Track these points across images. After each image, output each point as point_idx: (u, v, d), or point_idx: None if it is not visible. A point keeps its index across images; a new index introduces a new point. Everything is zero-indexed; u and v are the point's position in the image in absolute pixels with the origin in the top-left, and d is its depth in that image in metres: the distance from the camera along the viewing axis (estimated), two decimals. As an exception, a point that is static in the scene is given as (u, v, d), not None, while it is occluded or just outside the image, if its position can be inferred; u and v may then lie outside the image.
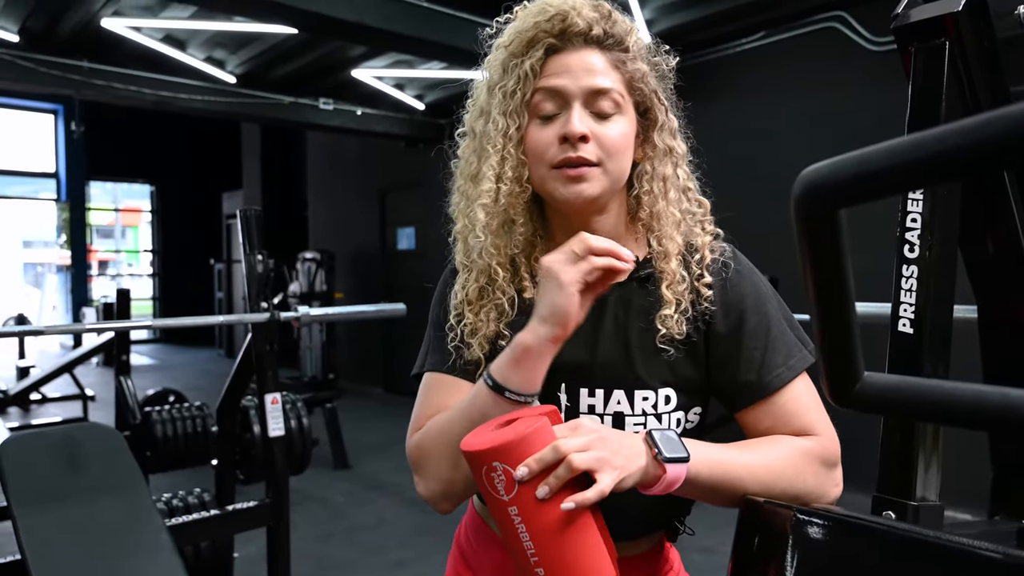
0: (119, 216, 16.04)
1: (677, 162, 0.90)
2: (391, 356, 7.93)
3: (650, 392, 0.85)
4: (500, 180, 0.87)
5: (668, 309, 0.85)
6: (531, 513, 0.72)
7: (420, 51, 4.56)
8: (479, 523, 0.99)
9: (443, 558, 3.71)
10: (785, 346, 0.86)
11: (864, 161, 0.56)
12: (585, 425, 0.75)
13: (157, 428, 3.63)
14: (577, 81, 0.84)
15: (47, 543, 1.89)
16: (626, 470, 0.73)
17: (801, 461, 0.82)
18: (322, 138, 8.63)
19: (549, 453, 0.71)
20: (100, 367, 10.27)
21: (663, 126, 0.89)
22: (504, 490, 0.72)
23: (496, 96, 0.88)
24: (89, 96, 5.28)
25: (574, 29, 0.84)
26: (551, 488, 0.71)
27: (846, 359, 0.64)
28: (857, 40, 4.18)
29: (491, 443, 0.73)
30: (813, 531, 0.71)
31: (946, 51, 0.99)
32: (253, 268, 2.53)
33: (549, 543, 0.72)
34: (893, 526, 0.72)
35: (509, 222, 0.89)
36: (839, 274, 0.62)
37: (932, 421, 0.87)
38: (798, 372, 0.85)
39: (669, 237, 0.88)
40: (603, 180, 0.85)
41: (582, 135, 0.83)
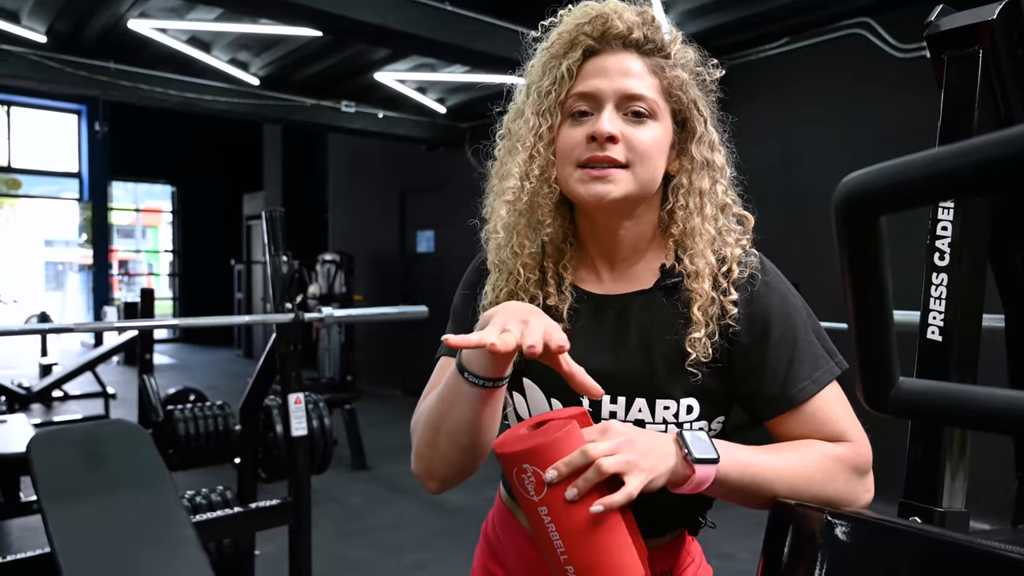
0: (140, 216, 16.22)
1: (716, 176, 0.88)
2: (411, 359, 7.96)
3: (672, 402, 0.85)
4: (526, 178, 0.87)
5: (698, 332, 0.83)
6: (561, 513, 0.73)
7: (443, 54, 4.59)
8: (505, 514, 0.99)
9: (461, 560, 3.72)
10: (812, 359, 0.84)
11: (906, 169, 0.56)
12: (614, 428, 0.75)
13: (180, 426, 3.67)
14: (612, 83, 0.84)
15: (76, 537, 1.92)
16: (655, 471, 0.73)
17: (832, 467, 0.81)
18: (343, 140, 8.69)
19: (578, 457, 0.71)
20: (120, 366, 10.40)
21: (701, 138, 0.87)
22: (534, 491, 0.74)
23: (532, 96, 0.88)
24: (115, 97, 5.36)
25: (613, 32, 0.84)
26: (580, 490, 0.72)
27: (882, 365, 0.64)
28: (883, 47, 4.15)
29: (522, 446, 0.74)
30: (844, 533, 0.72)
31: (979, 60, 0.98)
32: (278, 269, 2.56)
33: (578, 542, 0.73)
34: (924, 529, 0.73)
35: (536, 223, 0.88)
36: (878, 280, 0.62)
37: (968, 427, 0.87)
38: (823, 385, 0.83)
39: (701, 255, 0.85)
40: (630, 183, 0.83)
41: (611, 135, 0.82)
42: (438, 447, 0.82)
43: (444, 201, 7.41)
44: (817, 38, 4.42)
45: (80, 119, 12.21)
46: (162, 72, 5.34)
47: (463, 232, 5.35)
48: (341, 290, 8.04)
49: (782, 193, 4.47)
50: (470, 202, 4.09)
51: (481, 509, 4.52)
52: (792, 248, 4.32)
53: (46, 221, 14.44)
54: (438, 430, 0.82)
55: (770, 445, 0.83)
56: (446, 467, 0.84)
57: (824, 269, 4.34)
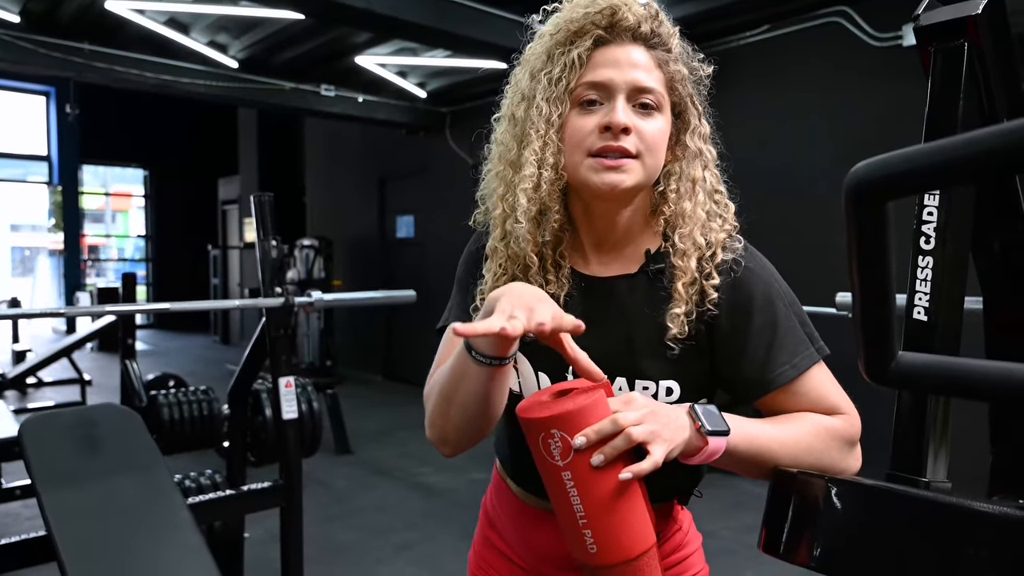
0: (109, 201, 15.91)
1: (707, 165, 0.92)
2: (391, 344, 7.97)
3: (651, 383, 0.89)
4: (542, 166, 0.88)
5: (678, 308, 0.87)
6: (584, 479, 0.76)
7: (426, 39, 4.58)
8: (500, 483, 1.05)
9: (448, 540, 3.78)
10: (792, 344, 0.87)
11: (913, 158, 0.61)
12: (637, 399, 0.79)
13: (164, 411, 3.66)
14: (623, 75, 0.86)
15: (73, 520, 1.93)
16: (673, 442, 0.77)
17: (827, 437, 0.86)
18: (321, 124, 8.62)
19: (608, 425, 0.74)
20: (95, 352, 10.27)
21: (695, 130, 0.91)
22: (560, 456, 0.76)
23: (541, 82, 0.88)
24: (90, 79, 5.27)
25: (623, 23, 0.86)
26: (606, 457, 0.75)
27: (883, 339, 0.69)
28: (860, 35, 4.23)
29: (550, 412, 0.76)
30: (845, 499, 0.76)
31: (964, 52, 1.03)
32: (267, 253, 2.56)
33: (598, 507, 0.76)
34: (920, 494, 0.78)
35: (546, 209, 0.91)
36: (883, 260, 0.67)
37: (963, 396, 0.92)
38: (802, 371, 0.87)
39: (690, 237, 0.89)
40: (640, 173, 0.87)
41: (625, 126, 0.85)
42: (450, 417, 0.87)
43: (424, 186, 7.40)
44: (797, 26, 4.48)
45: (48, 101, 11.94)
46: (139, 54, 5.25)
47: (443, 217, 5.52)
48: (320, 275, 8.01)
49: (763, 178, 4.55)
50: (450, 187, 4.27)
51: (465, 491, 4.60)
52: (773, 232, 4.40)
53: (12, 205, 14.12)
54: (450, 402, 0.86)
55: (771, 418, 0.88)
56: (458, 434, 0.88)
57: (806, 252, 4.44)
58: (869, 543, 0.73)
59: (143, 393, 3.83)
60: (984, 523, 0.67)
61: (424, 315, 7.23)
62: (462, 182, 7.60)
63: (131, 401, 3.85)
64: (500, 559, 1.04)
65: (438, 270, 7.14)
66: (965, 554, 0.67)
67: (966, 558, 0.67)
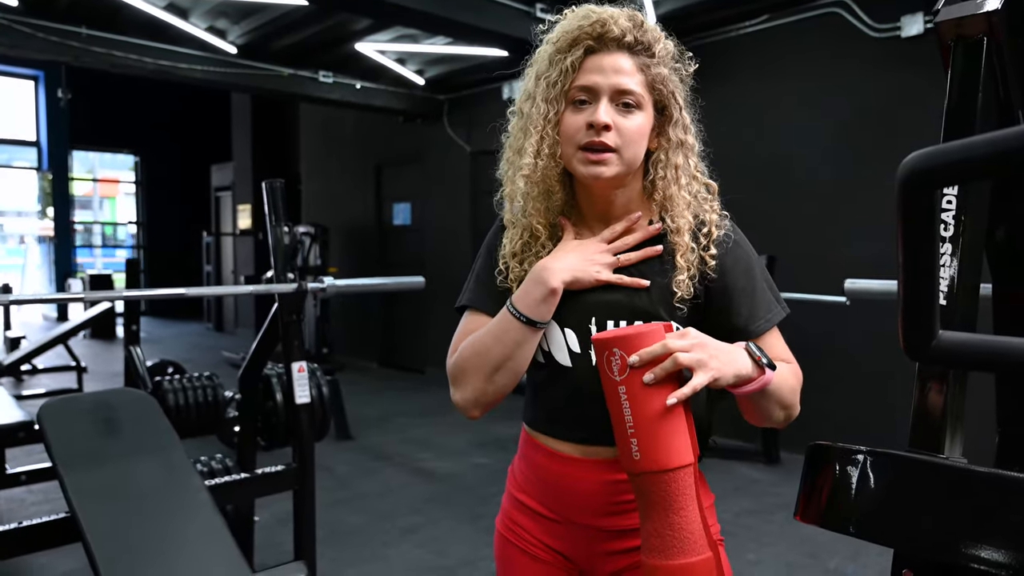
0: (97, 187, 15.75)
1: (688, 153, 1.08)
2: (388, 331, 8.00)
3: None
4: (538, 156, 1.05)
5: (682, 275, 1.04)
6: (636, 393, 0.89)
7: (428, 26, 4.58)
8: (525, 438, 1.18)
9: (452, 524, 3.83)
10: (766, 303, 1.08)
11: (963, 149, 0.65)
12: (691, 332, 0.93)
13: (169, 397, 3.67)
14: (607, 79, 1.01)
15: (95, 502, 1.96)
16: (721, 371, 0.90)
17: (794, 379, 1.05)
18: (316, 111, 8.59)
19: (659, 348, 0.88)
20: (88, 339, 10.23)
21: (677, 122, 1.06)
22: (618, 372, 0.90)
23: (541, 84, 1.05)
24: (87, 64, 5.23)
25: (610, 35, 1.01)
26: (656, 376, 0.88)
27: (927, 318, 0.73)
28: (859, 26, 4.27)
29: (614, 334, 0.91)
30: (883, 469, 0.81)
31: (983, 47, 1.07)
32: (280, 239, 2.59)
33: (645, 420, 0.89)
34: (957, 464, 0.83)
35: (548, 191, 1.08)
36: (929, 243, 0.71)
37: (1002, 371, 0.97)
38: (774, 323, 1.08)
39: (681, 216, 1.06)
40: (619, 165, 1.03)
41: (606, 124, 1.00)
42: (495, 381, 1.04)
43: (421, 173, 7.41)
44: (796, 16, 4.52)
45: (37, 85, 11.82)
46: (136, 39, 5.22)
47: (440, 204, 5.57)
48: (316, 262, 8.01)
49: (760, 167, 4.60)
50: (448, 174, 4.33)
51: (467, 475, 4.66)
52: (768, 219, 4.46)
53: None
54: (498, 368, 1.04)
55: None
56: (497, 395, 1.06)
57: (798, 238, 4.50)
58: (907, 510, 0.78)
59: (148, 379, 3.84)
60: (1018, 490, 0.71)
61: (421, 303, 7.28)
62: (460, 169, 7.61)
63: (135, 387, 3.87)
64: (528, 517, 1.14)
65: (436, 257, 7.16)
66: (999, 519, 0.72)
67: (1000, 522, 0.72)
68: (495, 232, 1.18)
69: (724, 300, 1.06)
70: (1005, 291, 1.21)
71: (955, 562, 0.73)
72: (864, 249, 4.02)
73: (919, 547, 0.77)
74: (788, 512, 3.40)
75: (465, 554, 3.12)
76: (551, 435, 1.11)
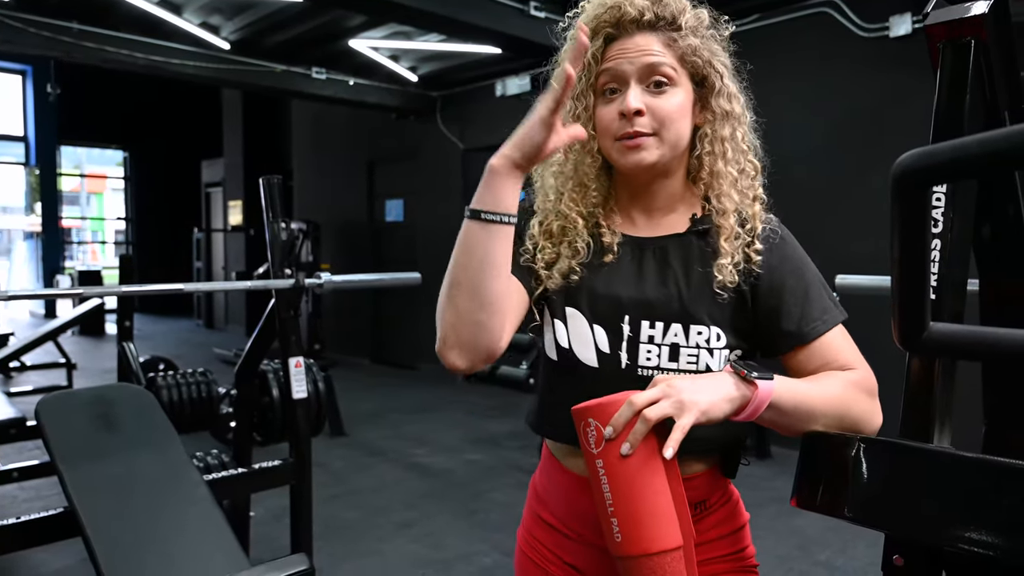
0: (84, 182, 15.62)
1: (735, 124, 1.01)
2: (380, 327, 8.01)
3: (703, 327, 0.96)
4: (569, 151, 1.02)
5: (725, 259, 0.96)
6: (614, 468, 0.81)
7: (423, 23, 4.59)
8: (553, 462, 1.07)
9: (447, 519, 3.85)
10: (821, 303, 0.98)
11: (955, 149, 0.68)
12: (657, 379, 0.85)
13: (163, 393, 3.68)
14: (632, 63, 0.96)
15: (95, 496, 1.97)
16: (709, 402, 0.81)
17: (853, 388, 0.93)
18: (308, 107, 8.58)
19: (625, 410, 0.80)
20: (76, 336, 10.18)
21: (720, 91, 0.99)
22: (595, 444, 0.82)
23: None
24: (79, 59, 5.21)
25: (627, 18, 0.96)
26: (632, 444, 0.79)
27: (918, 310, 0.77)
28: (848, 26, 4.32)
29: (591, 403, 0.84)
30: (876, 456, 0.84)
31: (971, 49, 1.10)
32: (277, 235, 2.60)
33: (624, 497, 0.81)
34: (946, 450, 0.86)
35: (582, 186, 1.02)
36: (922, 239, 0.74)
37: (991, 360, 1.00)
38: (831, 326, 0.97)
39: (727, 195, 0.99)
40: (659, 148, 0.96)
41: (637, 110, 0.94)
42: (456, 304, 0.89)
43: (414, 170, 7.41)
44: (787, 15, 4.56)
45: (25, 80, 11.73)
46: (128, 34, 5.21)
47: (433, 201, 5.61)
48: (308, 259, 8.00)
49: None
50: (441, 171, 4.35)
51: (461, 471, 4.67)
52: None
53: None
54: (457, 285, 0.89)
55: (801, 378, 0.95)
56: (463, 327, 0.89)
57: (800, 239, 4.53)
58: (899, 495, 0.81)
59: (141, 375, 3.84)
60: (1008, 476, 0.75)
61: (413, 299, 7.30)
62: (452, 166, 7.62)
63: (128, 383, 3.87)
64: (547, 532, 1.08)
65: (428, 253, 7.17)
66: (986, 503, 0.75)
67: (986, 506, 0.75)
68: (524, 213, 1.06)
69: (773, 301, 0.97)
70: (991, 285, 1.25)
71: (945, 544, 0.76)
72: (855, 246, 4.07)
73: (911, 530, 0.80)
74: (779, 505, 3.45)
75: (460, 548, 3.15)
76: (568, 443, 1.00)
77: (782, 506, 3.36)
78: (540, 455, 1.15)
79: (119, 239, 13.50)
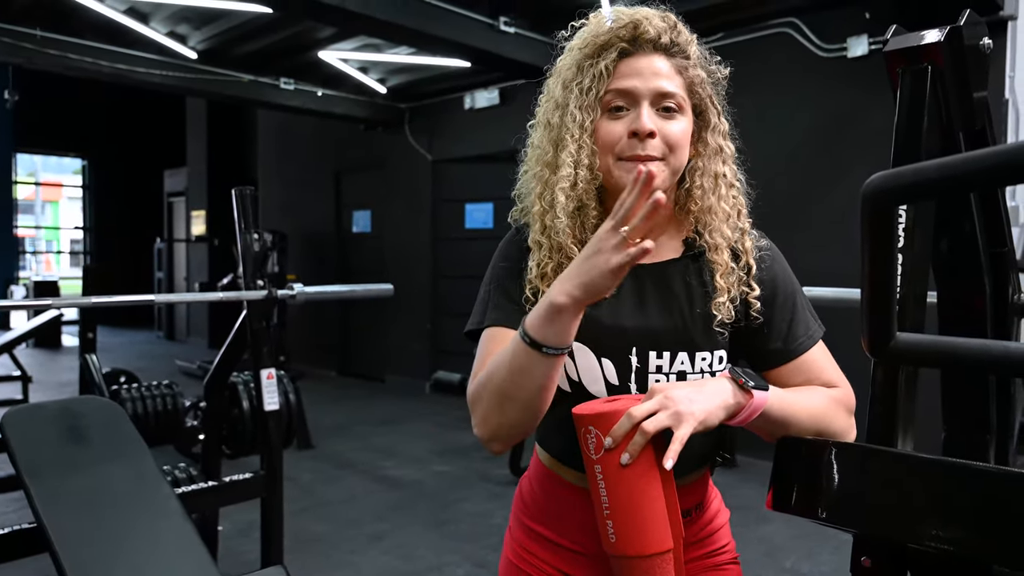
0: (39, 191, 15.24)
1: (726, 160, 1.02)
2: (347, 339, 7.95)
3: (707, 353, 0.98)
4: (578, 167, 0.97)
5: (722, 297, 0.97)
6: (611, 474, 0.85)
7: (393, 36, 4.61)
8: (546, 471, 1.07)
9: (419, 530, 3.85)
10: (805, 320, 1.02)
11: (920, 172, 0.74)
12: (654, 388, 0.86)
13: (127, 406, 3.62)
14: (646, 83, 0.94)
15: (63, 510, 1.93)
16: (706, 411, 0.84)
17: (834, 405, 0.98)
18: (274, 116, 8.51)
19: (624, 422, 0.83)
20: (31, 348, 9.91)
21: (715, 127, 1.01)
22: (594, 450, 0.85)
23: (573, 92, 0.97)
24: (41, 66, 5.12)
25: (645, 36, 0.95)
26: (631, 455, 0.82)
27: (886, 321, 0.82)
28: (808, 46, 4.47)
29: (589, 410, 0.87)
30: (847, 459, 0.89)
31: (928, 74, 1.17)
32: (249, 246, 2.59)
33: (620, 501, 0.84)
34: (912, 454, 0.91)
35: (583, 206, 0.98)
36: (889, 253, 0.79)
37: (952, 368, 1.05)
38: (815, 341, 1.01)
39: (718, 231, 0.99)
40: (666, 174, 0.96)
41: (651, 132, 0.93)
42: (507, 414, 0.90)
43: (381, 181, 7.40)
44: (749, 35, 4.69)
45: (-22, 86, 11.43)
46: (93, 42, 5.13)
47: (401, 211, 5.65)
48: (274, 269, 7.92)
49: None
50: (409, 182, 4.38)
51: (430, 482, 4.66)
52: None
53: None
54: (510, 399, 0.89)
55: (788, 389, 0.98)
56: (513, 430, 0.92)
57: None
58: (871, 497, 0.86)
59: (104, 387, 3.77)
60: (973, 477, 0.80)
61: (381, 310, 7.27)
62: (421, 177, 7.61)
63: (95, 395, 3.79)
64: (545, 548, 1.06)
65: (396, 265, 7.16)
66: (947, 502, 0.80)
67: (947, 505, 0.80)
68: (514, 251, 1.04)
69: (762, 319, 1.00)
70: (948, 296, 1.32)
71: (912, 541, 0.81)
72: (816, 260, 4.18)
73: (880, 529, 0.85)
74: (746, 512, 3.52)
75: (432, 560, 3.14)
76: (577, 468, 0.99)
77: (748, 513, 3.42)
78: (511, 465, 1.16)
79: (75, 249, 13.17)
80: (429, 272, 6.90)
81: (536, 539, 1.08)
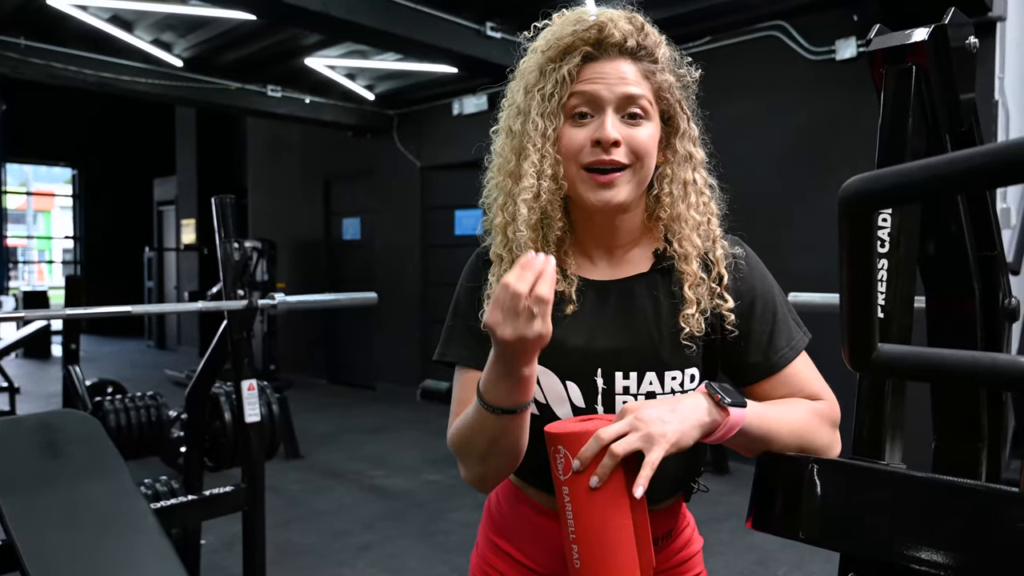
0: (31, 200, 15.16)
1: (696, 167, 0.97)
2: (337, 347, 7.89)
3: (677, 372, 0.93)
4: (540, 177, 0.91)
5: (690, 308, 0.92)
6: (578, 497, 0.81)
7: (379, 43, 4.58)
8: (514, 490, 1.04)
9: (407, 542, 3.80)
10: (787, 330, 0.96)
11: (901, 175, 0.70)
12: (625, 408, 0.82)
13: (111, 418, 3.56)
14: (611, 88, 0.89)
15: (35, 527, 1.88)
16: (680, 431, 0.80)
17: (817, 419, 0.93)
18: (263, 124, 8.47)
19: (593, 444, 0.79)
20: (20, 359, 9.82)
21: (684, 133, 0.96)
22: (563, 471, 0.82)
23: (535, 98, 0.92)
24: (26, 75, 5.06)
25: (610, 40, 0.90)
26: (600, 478, 0.78)
27: (867, 332, 0.78)
28: (796, 49, 4.45)
29: (559, 430, 0.83)
30: (829, 477, 0.85)
31: (912, 73, 1.14)
32: (229, 255, 2.55)
33: (586, 527, 0.81)
34: (897, 470, 0.87)
35: (547, 218, 0.93)
36: (868, 260, 0.75)
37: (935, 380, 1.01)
38: (799, 352, 0.96)
39: (688, 239, 0.94)
40: (631, 184, 0.91)
41: (615, 140, 0.88)
42: (488, 465, 0.90)
43: (371, 188, 7.37)
44: (737, 38, 4.68)
45: (-33, 95, 11.36)
46: (78, 51, 5.09)
47: (390, 218, 5.61)
48: (263, 278, 7.86)
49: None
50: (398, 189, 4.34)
51: (420, 492, 4.62)
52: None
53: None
54: (488, 454, 0.89)
55: (769, 402, 0.94)
56: (498, 475, 0.93)
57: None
58: (852, 515, 0.82)
59: (88, 399, 3.71)
60: (957, 495, 0.76)
61: (370, 319, 7.22)
62: (409, 184, 7.57)
63: (74, 408, 3.73)
64: (508, 565, 1.03)
65: (385, 272, 7.12)
66: (936, 521, 0.76)
67: (937, 524, 0.76)
68: (477, 268, 1.00)
69: (738, 332, 0.94)
70: (936, 300, 1.29)
71: (897, 562, 0.77)
72: (804, 264, 4.16)
73: (864, 550, 0.81)
74: (737, 521, 3.48)
75: (421, 571, 3.10)
76: (541, 488, 0.98)
77: (740, 522, 3.38)
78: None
79: (67, 258, 13.09)
80: (419, 279, 6.86)
81: (499, 554, 1.04)
